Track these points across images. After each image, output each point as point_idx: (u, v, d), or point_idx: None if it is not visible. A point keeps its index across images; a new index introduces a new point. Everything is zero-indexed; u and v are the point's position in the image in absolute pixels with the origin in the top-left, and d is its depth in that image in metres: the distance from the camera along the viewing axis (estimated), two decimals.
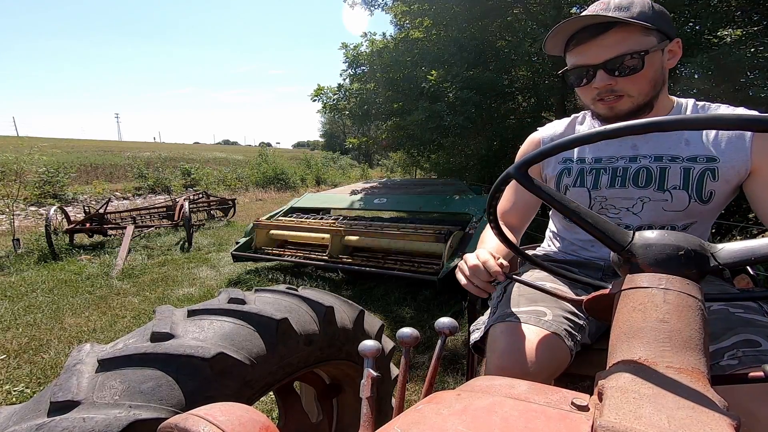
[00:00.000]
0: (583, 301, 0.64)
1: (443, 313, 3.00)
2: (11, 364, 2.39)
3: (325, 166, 19.78)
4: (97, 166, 15.55)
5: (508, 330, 0.86)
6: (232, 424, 0.42)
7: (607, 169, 1.00)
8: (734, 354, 0.74)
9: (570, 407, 0.42)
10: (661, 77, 0.91)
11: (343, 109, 5.41)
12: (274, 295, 0.93)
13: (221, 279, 4.06)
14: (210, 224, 6.91)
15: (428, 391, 0.74)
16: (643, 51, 0.86)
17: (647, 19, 0.85)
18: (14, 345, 2.62)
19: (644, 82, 0.89)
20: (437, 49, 5.36)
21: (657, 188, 0.94)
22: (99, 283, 3.91)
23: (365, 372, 0.69)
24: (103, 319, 3.06)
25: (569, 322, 0.88)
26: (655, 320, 0.45)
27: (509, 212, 1.24)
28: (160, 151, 21.45)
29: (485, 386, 0.50)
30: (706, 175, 0.90)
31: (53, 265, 4.45)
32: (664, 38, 0.88)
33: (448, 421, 0.42)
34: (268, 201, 11.28)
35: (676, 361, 0.42)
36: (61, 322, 2.99)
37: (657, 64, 0.89)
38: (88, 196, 11.21)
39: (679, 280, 0.48)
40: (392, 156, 21.16)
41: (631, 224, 0.98)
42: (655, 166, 0.94)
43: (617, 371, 0.43)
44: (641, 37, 0.86)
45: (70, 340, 2.70)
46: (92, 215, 5.29)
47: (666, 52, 0.91)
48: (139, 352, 0.69)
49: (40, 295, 3.54)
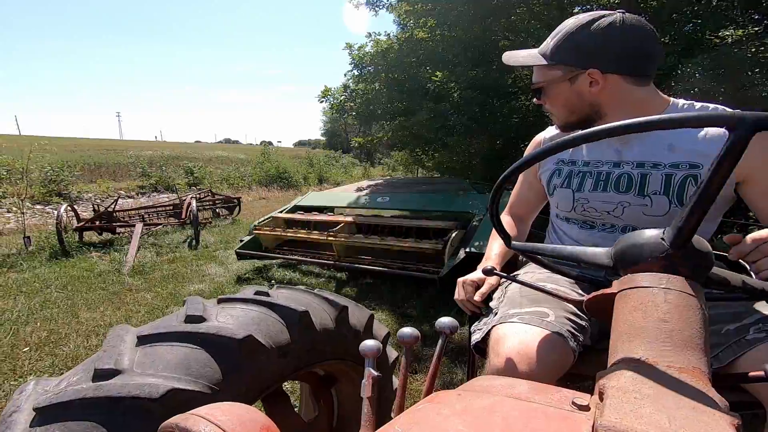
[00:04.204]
0: (584, 301, 0.65)
1: (448, 311, 3.03)
2: (33, 356, 2.47)
3: (327, 165, 19.83)
4: (101, 165, 15.61)
5: (511, 331, 0.86)
6: (233, 423, 0.42)
7: (593, 173, 1.04)
8: (760, 327, 0.78)
9: (571, 407, 0.43)
10: (579, 104, 0.99)
11: (350, 109, 5.48)
12: (294, 292, 0.99)
13: (230, 276, 4.13)
14: (215, 222, 6.99)
15: (429, 391, 0.74)
16: (539, 84, 1.02)
17: (548, 55, 0.97)
18: (34, 338, 2.69)
19: (557, 107, 1.03)
20: (441, 49, 5.42)
21: (637, 193, 0.97)
22: (111, 279, 3.98)
23: (366, 372, 0.69)
24: (117, 314, 3.14)
25: (572, 323, 0.89)
26: (656, 320, 0.45)
27: (517, 204, 1.31)
28: (162, 150, 21.53)
29: (486, 386, 0.50)
30: (688, 181, 0.91)
31: (65, 262, 4.52)
32: (574, 69, 0.96)
33: (448, 421, 0.42)
34: (271, 200, 11.33)
35: (677, 361, 0.42)
36: (77, 316, 3.07)
37: (563, 93, 0.99)
38: (93, 195, 11.29)
39: (680, 279, 0.49)
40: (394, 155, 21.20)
41: (615, 225, 1.02)
42: (637, 172, 0.98)
43: (618, 371, 0.43)
44: (545, 72, 1.00)
45: (87, 334, 2.78)
46: (101, 213, 5.36)
47: (584, 80, 0.95)
48: (174, 330, 0.74)
49: (55, 291, 3.61)
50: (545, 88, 1.00)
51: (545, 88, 1.00)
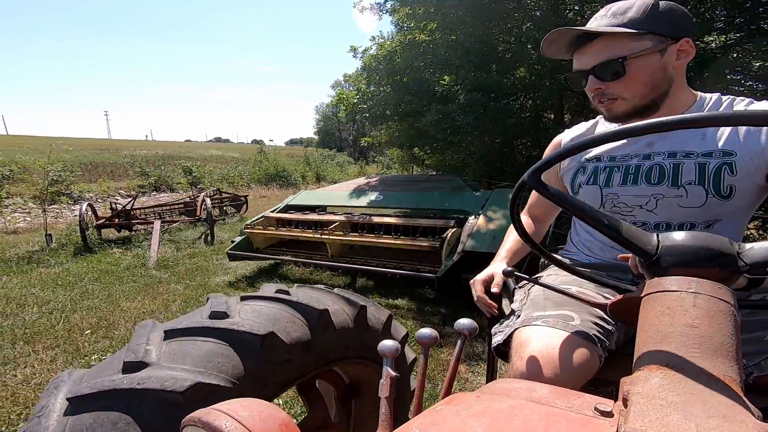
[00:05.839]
0: (608, 304, 0.62)
1: (444, 309, 3.12)
2: (91, 339, 2.70)
3: (323, 164, 20.05)
4: (97, 165, 15.65)
5: (535, 334, 0.83)
6: (253, 419, 0.42)
7: (621, 167, 1.00)
8: None
9: (593, 413, 0.41)
10: (662, 78, 0.91)
11: (363, 111, 5.75)
12: (314, 291, 1.02)
13: (249, 268, 4.37)
14: (224, 219, 7.21)
15: (447, 392, 0.73)
16: (622, 57, 0.89)
17: (637, 24, 0.87)
18: (85, 324, 2.92)
19: (637, 85, 0.91)
20: (444, 52, 5.71)
21: (671, 184, 0.91)
22: (139, 273, 4.20)
23: (384, 372, 0.69)
24: (155, 303, 3.37)
25: (598, 327, 0.85)
26: (684, 325, 0.44)
27: (535, 204, 1.28)
28: (156, 149, 21.51)
29: (506, 389, 0.49)
30: (723, 169, 0.87)
31: (90, 258, 4.72)
32: (665, 40, 0.88)
33: (467, 423, 0.42)
34: (272, 198, 11.52)
35: (707, 368, 0.40)
36: (118, 305, 3.29)
37: (651, 67, 0.89)
38: (94, 194, 11.38)
39: (710, 284, 0.46)
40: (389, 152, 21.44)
41: (647, 222, 0.97)
42: (669, 162, 0.93)
43: (643, 377, 0.42)
44: (629, 43, 0.88)
45: (134, 320, 3.01)
46: (120, 211, 5.57)
47: (672, 52, 0.90)
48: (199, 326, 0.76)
49: (89, 284, 3.83)
50: (627, 62, 0.89)
51: (627, 62, 0.89)
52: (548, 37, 0.95)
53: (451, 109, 4.60)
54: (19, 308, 3.23)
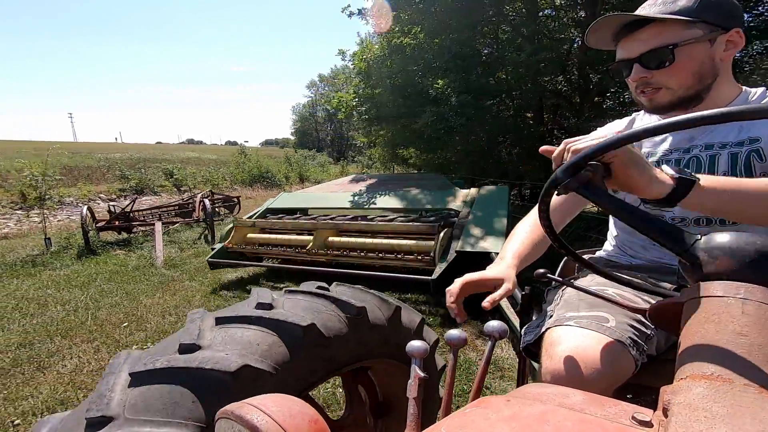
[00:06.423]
0: (647, 309, 0.60)
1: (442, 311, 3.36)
2: (126, 332, 2.86)
3: (305, 164, 20.12)
4: (72, 168, 15.18)
5: (567, 335, 0.81)
6: (283, 415, 0.43)
7: (660, 162, 0.96)
8: None
9: (630, 422, 0.40)
10: (710, 69, 0.88)
11: (361, 114, 6.01)
12: (352, 289, 1.06)
13: (259, 267, 4.54)
14: (222, 220, 7.33)
15: (476, 395, 0.71)
16: (672, 45, 0.85)
17: (688, 12, 0.84)
18: (114, 319, 3.07)
19: (684, 75, 0.88)
20: (431, 56, 6.04)
21: None
22: (149, 272, 4.32)
23: (412, 372, 0.69)
24: (175, 298, 3.53)
25: (635, 331, 0.81)
26: (732, 333, 0.41)
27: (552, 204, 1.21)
28: (128, 152, 20.97)
29: (537, 393, 0.48)
30: (751, 156, 0.85)
31: (95, 260, 4.79)
32: (715, 29, 0.86)
33: (495, 427, 0.41)
34: (258, 199, 11.58)
35: (759, 379, 0.37)
36: (140, 302, 3.44)
37: (700, 56, 0.87)
38: (74, 198, 11.13)
39: (761, 289, 0.44)
40: (367, 152, 21.67)
41: (686, 217, 0.95)
42: (705, 154, 0.92)
43: (686, 386, 0.39)
44: (680, 31, 0.86)
45: (161, 313, 3.18)
46: (119, 213, 5.62)
47: (721, 42, 0.88)
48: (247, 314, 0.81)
49: (103, 284, 3.94)
50: (677, 51, 0.86)
51: (677, 51, 0.86)
52: (594, 24, 0.92)
53: (444, 110, 4.93)
54: (42, 308, 3.34)
